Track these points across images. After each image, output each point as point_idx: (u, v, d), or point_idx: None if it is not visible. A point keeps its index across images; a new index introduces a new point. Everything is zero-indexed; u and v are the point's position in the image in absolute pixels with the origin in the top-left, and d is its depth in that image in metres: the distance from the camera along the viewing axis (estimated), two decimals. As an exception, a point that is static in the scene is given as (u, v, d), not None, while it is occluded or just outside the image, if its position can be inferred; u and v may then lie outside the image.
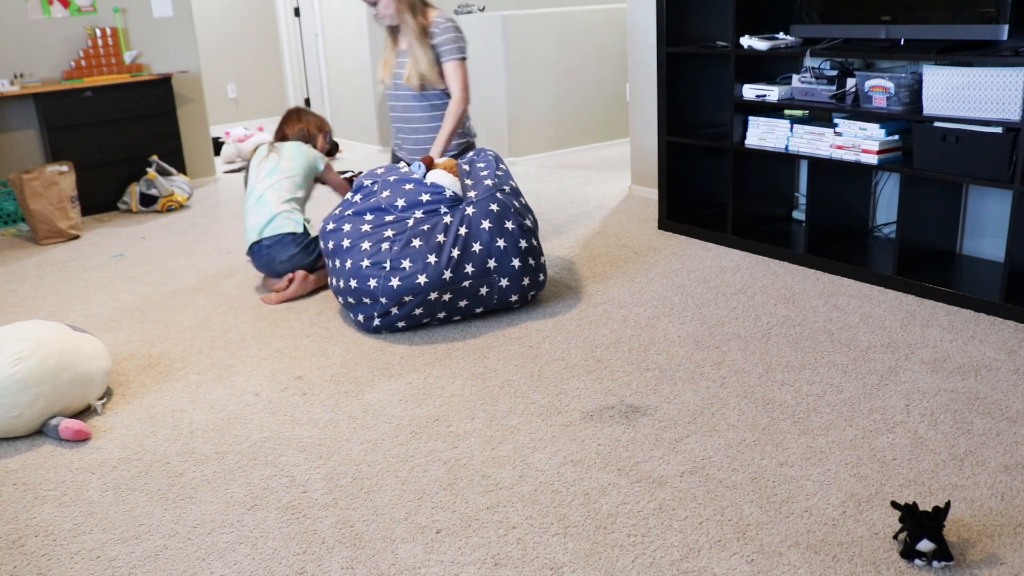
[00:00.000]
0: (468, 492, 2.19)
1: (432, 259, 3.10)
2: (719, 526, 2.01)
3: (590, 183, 5.58)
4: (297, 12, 8.04)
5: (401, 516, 2.11)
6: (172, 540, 2.06)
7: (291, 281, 3.67)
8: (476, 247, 3.16)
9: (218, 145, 7.19)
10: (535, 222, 3.40)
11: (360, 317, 3.21)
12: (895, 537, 1.90)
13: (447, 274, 3.10)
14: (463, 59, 3.70)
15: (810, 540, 1.94)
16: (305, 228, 3.70)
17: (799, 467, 2.23)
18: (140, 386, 2.92)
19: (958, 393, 2.56)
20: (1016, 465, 2.18)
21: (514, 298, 3.31)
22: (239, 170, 6.67)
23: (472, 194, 3.29)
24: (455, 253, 3.12)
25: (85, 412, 2.74)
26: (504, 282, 3.23)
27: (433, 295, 3.12)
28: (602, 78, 6.61)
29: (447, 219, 3.19)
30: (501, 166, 3.50)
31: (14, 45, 5.29)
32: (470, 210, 3.21)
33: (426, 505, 2.15)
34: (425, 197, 3.24)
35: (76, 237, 4.92)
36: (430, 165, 3.40)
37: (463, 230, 3.16)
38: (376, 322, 3.19)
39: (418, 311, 3.16)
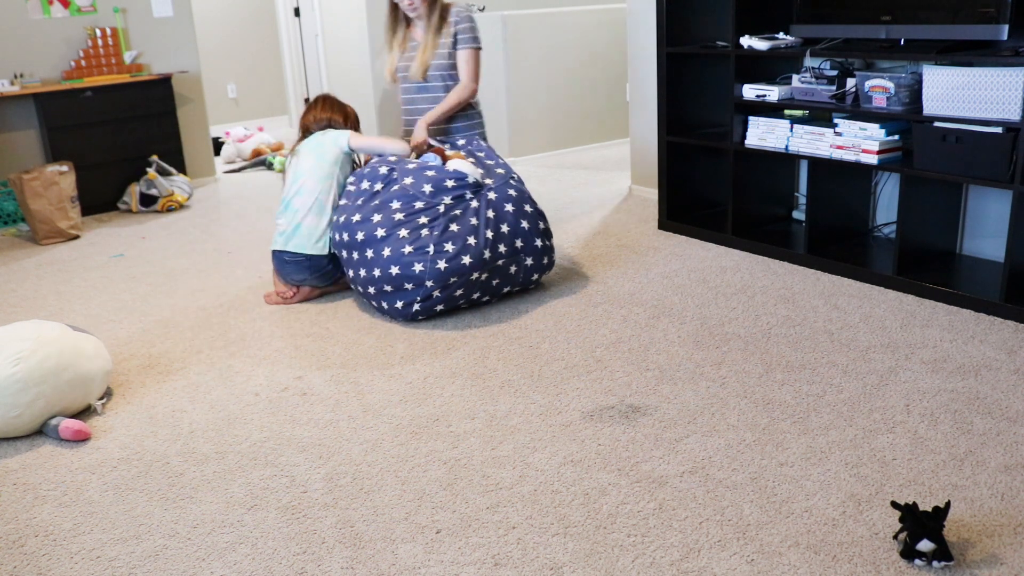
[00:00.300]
0: (468, 492, 2.19)
1: (472, 240, 3.24)
2: (719, 526, 2.01)
3: (590, 183, 5.58)
4: (297, 12, 8.04)
5: (401, 516, 2.11)
6: (172, 540, 2.06)
7: (296, 293, 3.66)
8: (504, 228, 3.33)
9: (218, 145, 7.20)
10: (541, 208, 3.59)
11: (399, 304, 3.27)
12: (895, 537, 1.90)
13: (487, 254, 3.26)
14: (478, 49, 3.88)
15: (810, 540, 1.94)
16: (330, 251, 3.54)
17: (799, 467, 2.23)
18: (140, 386, 2.92)
19: (958, 393, 2.56)
20: (1016, 465, 2.18)
21: (535, 276, 3.53)
22: (239, 170, 6.68)
23: (488, 181, 3.44)
24: (489, 234, 3.27)
25: (85, 412, 2.74)
26: (529, 260, 3.42)
27: (475, 275, 3.26)
28: (602, 78, 6.61)
29: (474, 203, 3.32)
30: (499, 156, 3.69)
31: (14, 45, 5.29)
32: (492, 195, 3.37)
33: (426, 505, 2.15)
34: (450, 183, 3.34)
35: (76, 237, 4.92)
36: (443, 156, 3.51)
37: (491, 213, 3.32)
38: (416, 307, 3.27)
39: (458, 292, 3.27)
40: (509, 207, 3.36)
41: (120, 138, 5.47)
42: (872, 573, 1.82)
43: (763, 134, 3.83)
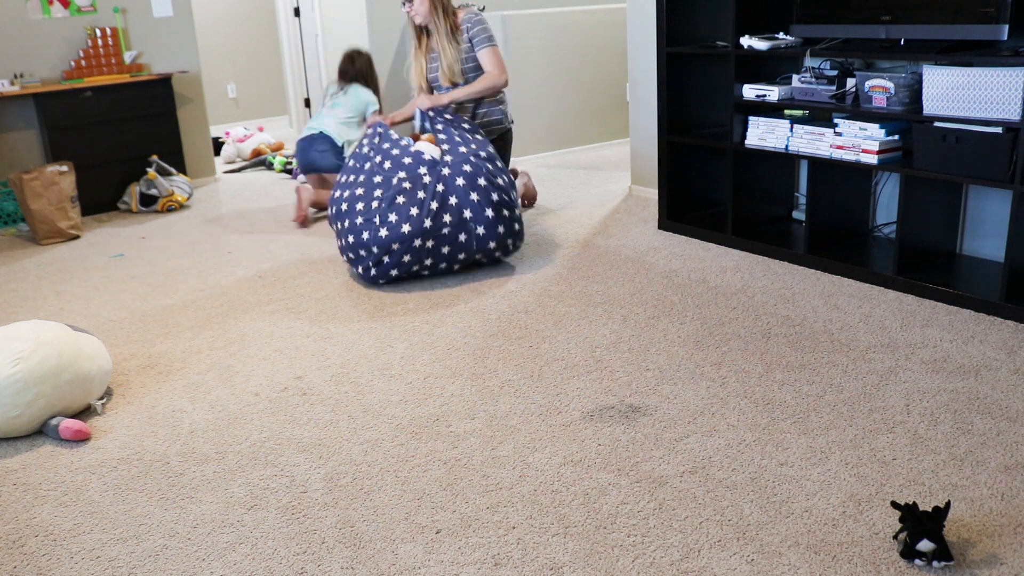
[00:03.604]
0: (468, 492, 2.19)
1: (414, 211, 3.60)
2: (719, 526, 2.01)
3: (590, 183, 5.58)
4: (297, 12, 8.04)
5: (401, 516, 2.11)
6: (172, 540, 2.06)
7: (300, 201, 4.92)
8: (452, 200, 3.65)
9: (218, 145, 7.19)
10: (510, 182, 3.83)
11: (359, 269, 3.73)
12: (895, 537, 1.90)
13: (427, 223, 3.60)
14: (495, 46, 4.25)
15: (810, 540, 1.94)
16: (343, 144, 5.11)
17: (799, 467, 2.23)
18: (140, 386, 2.92)
19: (958, 393, 2.56)
20: (1016, 465, 2.18)
21: (492, 245, 3.75)
22: (239, 170, 6.68)
23: (448, 158, 3.76)
24: (434, 205, 3.61)
25: (85, 412, 2.74)
26: (480, 230, 3.69)
27: (417, 242, 3.61)
28: (602, 78, 6.61)
29: (426, 179, 3.67)
30: (478, 136, 3.99)
31: (14, 45, 5.29)
32: (446, 171, 3.70)
33: (426, 505, 2.15)
34: (407, 160, 3.75)
35: (76, 237, 4.92)
36: (415, 139, 3.98)
37: (440, 187, 3.65)
38: (373, 271, 3.70)
39: (406, 258, 3.65)
40: (460, 181, 3.66)
41: (120, 138, 5.47)
42: (872, 573, 1.82)
43: (763, 134, 3.83)
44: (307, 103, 8.40)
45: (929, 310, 3.20)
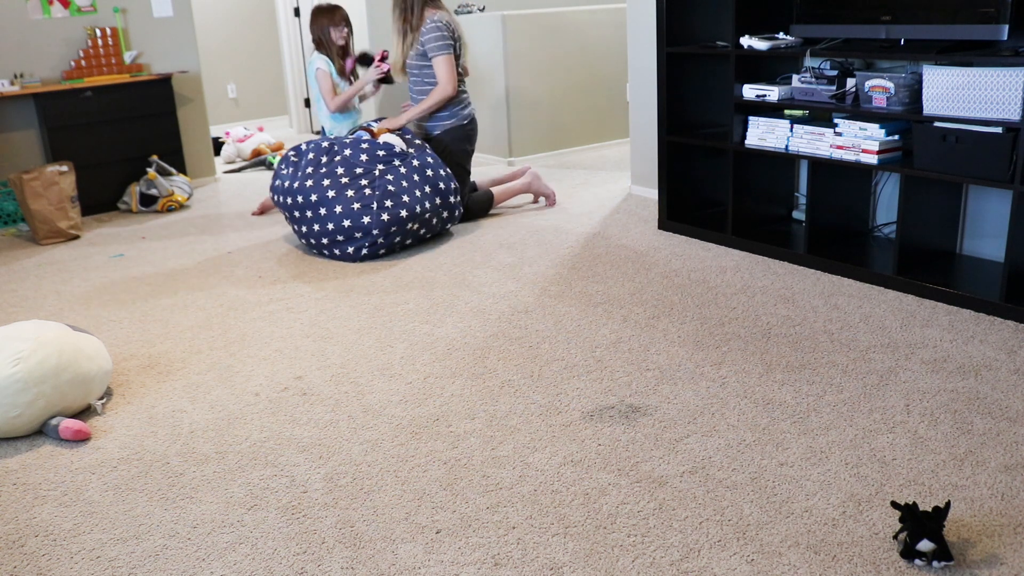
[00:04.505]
0: (468, 492, 2.19)
1: (406, 198, 4.07)
2: (719, 526, 2.01)
3: (590, 183, 5.58)
4: (297, 12, 8.03)
5: (401, 516, 2.11)
6: (172, 540, 2.06)
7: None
8: (427, 188, 4.16)
9: (218, 145, 7.19)
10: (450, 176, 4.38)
11: (350, 250, 4.08)
12: (895, 537, 1.90)
13: (417, 208, 4.10)
14: (447, 54, 4.39)
15: (810, 540, 1.94)
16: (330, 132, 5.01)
17: (799, 467, 2.23)
18: (140, 386, 2.92)
19: (958, 393, 2.56)
20: (1016, 465, 2.18)
21: (448, 226, 4.40)
22: (239, 170, 6.68)
23: (411, 150, 4.22)
24: (417, 193, 4.11)
25: (85, 412, 2.74)
26: (445, 213, 4.27)
27: (410, 225, 4.10)
28: (602, 78, 6.61)
29: (403, 169, 4.12)
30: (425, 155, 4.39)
31: (14, 45, 5.29)
32: (416, 162, 4.18)
33: (426, 505, 2.15)
34: (381, 153, 4.15)
35: (76, 237, 4.92)
36: (373, 134, 4.33)
37: (416, 176, 4.14)
38: (364, 251, 4.08)
39: (397, 240, 4.11)
40: (429, 172, 4.19)
41: (120, 138, 5.48)
42: (872, 573, 1.82)
43: (763, 134, 3.83)
44: (307, 103, 8.39)
45: (929, 310, 3.20)
